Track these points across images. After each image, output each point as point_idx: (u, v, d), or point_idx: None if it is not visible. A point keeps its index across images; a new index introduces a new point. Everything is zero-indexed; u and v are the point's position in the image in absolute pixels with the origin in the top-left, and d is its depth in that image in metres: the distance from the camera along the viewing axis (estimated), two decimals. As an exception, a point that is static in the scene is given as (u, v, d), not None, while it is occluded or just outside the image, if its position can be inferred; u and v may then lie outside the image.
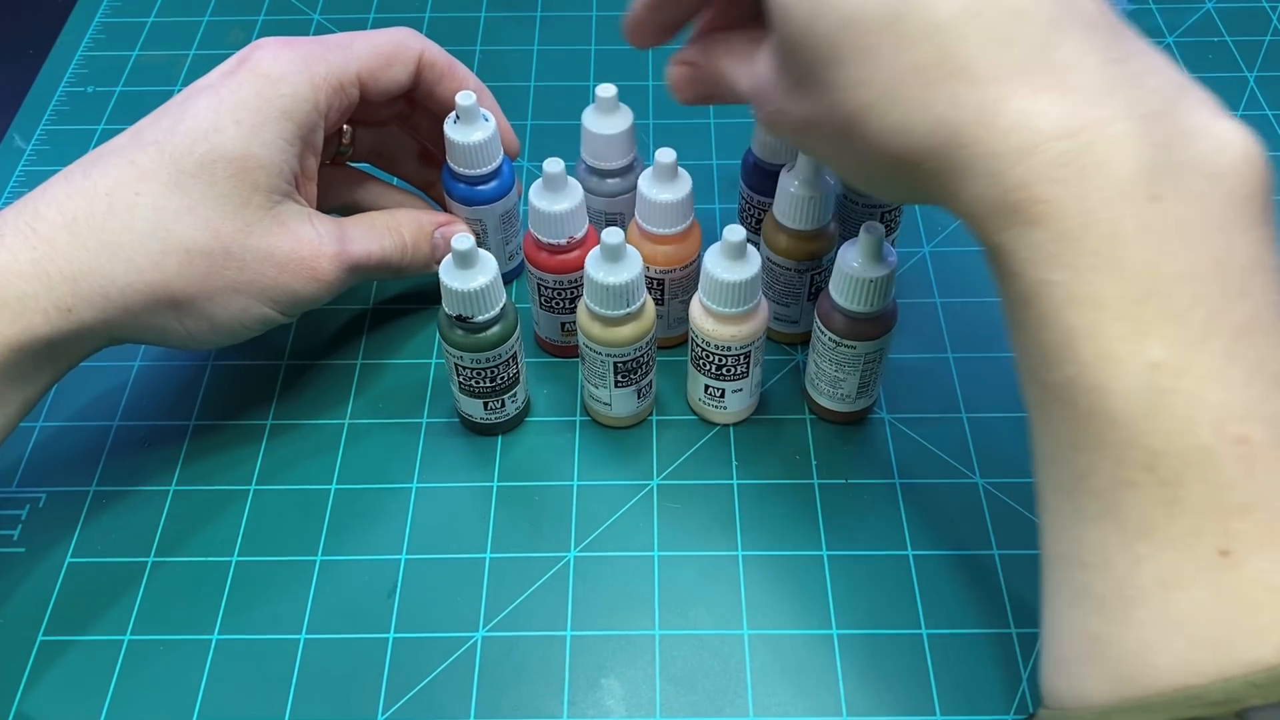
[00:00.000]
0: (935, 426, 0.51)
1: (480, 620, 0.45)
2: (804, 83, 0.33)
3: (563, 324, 0.52)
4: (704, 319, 0.47)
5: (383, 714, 0.43)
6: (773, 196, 0.50)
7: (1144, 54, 0.31)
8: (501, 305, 0.46)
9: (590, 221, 0.53)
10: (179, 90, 0.67)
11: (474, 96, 0.49)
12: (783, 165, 0.49)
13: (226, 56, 0.48)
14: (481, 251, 0.45)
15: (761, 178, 0.52)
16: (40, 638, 0.45)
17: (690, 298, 0.49)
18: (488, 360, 0.47)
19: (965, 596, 0.46)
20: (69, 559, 0.47)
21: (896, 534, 0.48)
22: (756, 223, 0.53)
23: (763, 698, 0.43)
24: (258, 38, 0.70)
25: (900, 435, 0.51)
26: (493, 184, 0.52)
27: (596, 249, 0.45)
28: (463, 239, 0.44)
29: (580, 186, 0.48)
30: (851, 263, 0.45)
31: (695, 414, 0.52)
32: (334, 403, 0.52)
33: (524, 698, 0.43)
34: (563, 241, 0.48)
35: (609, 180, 0.52)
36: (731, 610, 0.45)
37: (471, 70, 0.52)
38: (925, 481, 0.49)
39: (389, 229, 0.49)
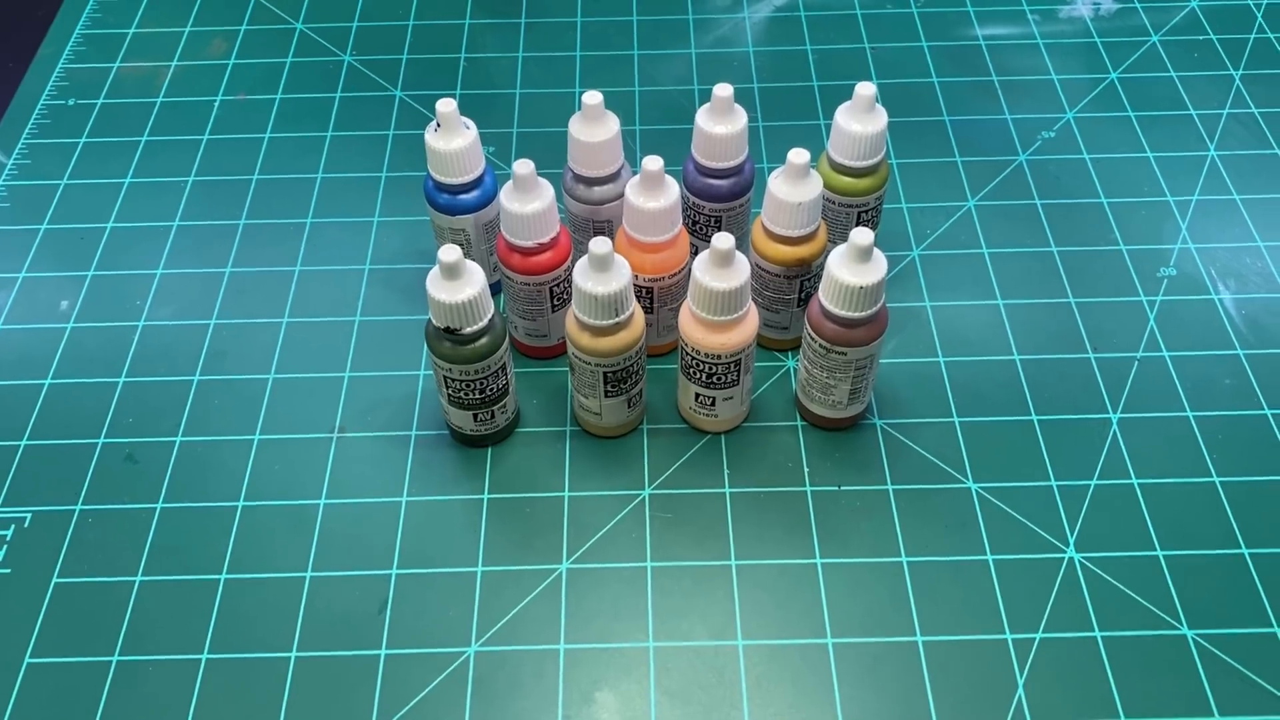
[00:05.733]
0: (927, 431, 0.51)
1: (472, 635, 0.45)
2: None
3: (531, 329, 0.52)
4: (694, 327, 0.47)
5: (375, 732, 0.42)
6: (710, 200, 0.50)
7: None
8: (489, 317, 0.45)
9: (577, 230, 0.53)
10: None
11: (454, 104, 0.49)
12: (719, 169, 0.50)
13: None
14: (468, 263, 0.44)
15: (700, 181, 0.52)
16: (27, 660, 0.44)
17: (679, 305, 0.49)
18: (476, 372, 0.46)
19: (960, 602, 0.46)
20: (55, 579, 0.47)
21: (890, 540, 0.48)
22: (693, 225, 0.53)
23: (759, 708, 0.43)
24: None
25: (892, 440, 0.51)
26: (475, 193, 0.51)
27: (584, 259, 0.45)
28: (449, 250, 0.43)
29: (550, 187, 0.48)
30: (841, 268, 0.45)
31: (686, 422, 0.52)
32: (321, 417, 0.52)
33: (518, 712, 0.43)
34: (531, 244, 0.48)
35: (596, 188, 0.51)
36: (726, 620, 0.45)
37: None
38: (918, 487, 0.49)
39: None
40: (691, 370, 0.48)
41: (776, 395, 0.53)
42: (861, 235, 0.44)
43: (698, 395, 0.49)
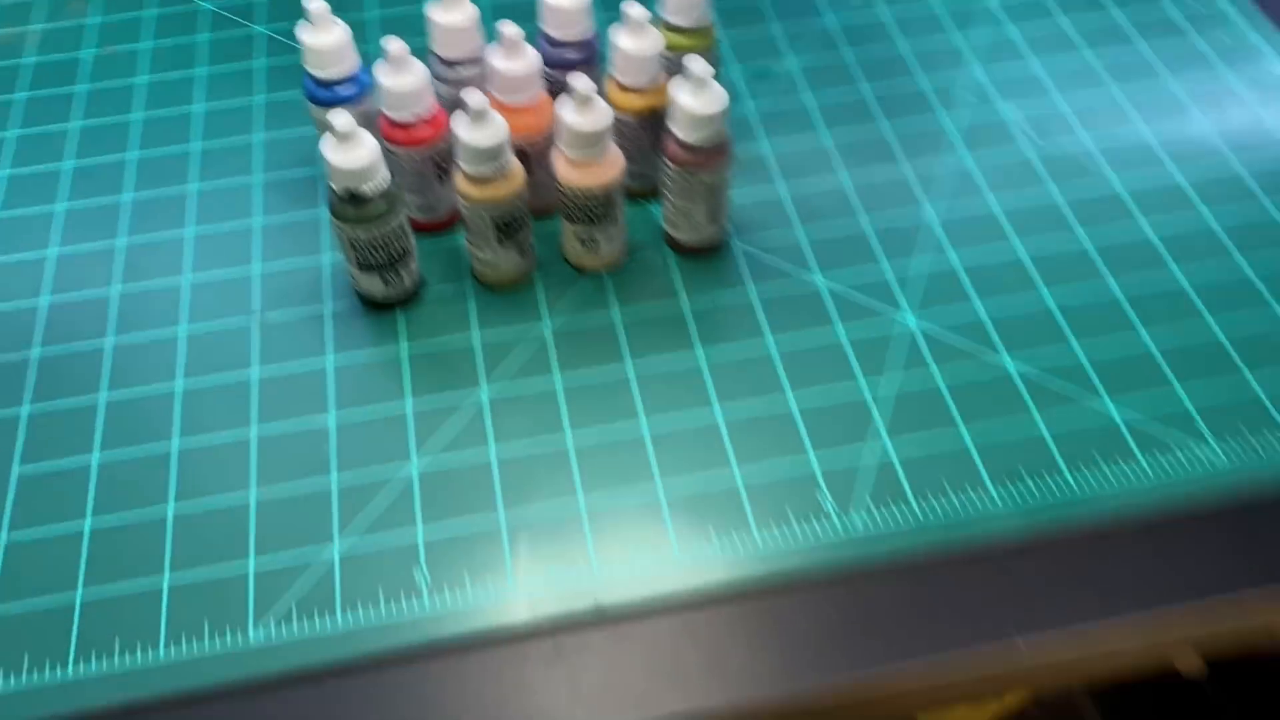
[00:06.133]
0: (778, 246, 0.59)
1: (412, 453, 0.51)
2: None
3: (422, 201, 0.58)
4: (567, 169, 0.54)
5: (339, 533, 0.48)
6: (564, 69, 0.57)
7: None
8: (387, 177, 0.51)
9: (446, 110, 0.59)
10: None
11: (324, 4, 0.54)
12: (568, 40, 0.56)
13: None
14: (360, 129, 0.50)
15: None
16: (6, 541, 0.48)
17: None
18: (379, 229, 0.52)
19: (824, 374, 0.54)
20: (17, 469, 0.50)
21: (758, 336, 0.55)
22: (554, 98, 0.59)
23: (667, 473, 0.50)
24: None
25: (751, 256, 0.59)
26: (351, 87, 0.57)
27: (460, 113, 0.51)
28: (339, 116, 0.49)
29: (422, 64, 0.53)
30: (686, 97, 0.52)
31: (573, 265, 0.58)
32: (239, 306, 0.57)
33: (463, 508, 0.49)
34: (411, 118, 0.54)
35: (462, 69, 0.57)
36: (630, 414, 0.52)
37: None
38: (776, 292, 0.57)
39: None
40: (572, 213, 0.55)
41: (647, 234, 0.60)
42: (695, 63, 0.51)
43: (580, 237, 0.56)
